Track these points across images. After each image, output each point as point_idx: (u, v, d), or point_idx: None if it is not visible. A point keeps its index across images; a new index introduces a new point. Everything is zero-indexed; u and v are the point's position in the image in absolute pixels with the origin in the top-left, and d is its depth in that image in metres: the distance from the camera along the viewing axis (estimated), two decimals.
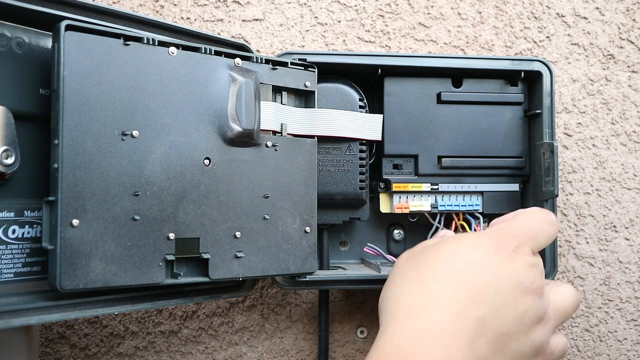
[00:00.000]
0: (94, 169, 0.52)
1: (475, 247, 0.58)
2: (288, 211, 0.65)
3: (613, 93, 0.82)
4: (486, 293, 0.55)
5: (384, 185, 0.73)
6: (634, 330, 0.82)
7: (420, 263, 0.59)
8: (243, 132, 0.61)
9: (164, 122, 0.56)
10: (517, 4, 0.82)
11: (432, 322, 0.53)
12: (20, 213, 0.55)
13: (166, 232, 0.56)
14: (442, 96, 0.72)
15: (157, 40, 0.57)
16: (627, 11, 0.83)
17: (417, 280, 0.57)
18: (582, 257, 0.81)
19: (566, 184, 0.81)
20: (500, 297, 0.56)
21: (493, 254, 0.57)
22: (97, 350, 0.75)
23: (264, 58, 0.65)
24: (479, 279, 0.56)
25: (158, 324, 0.77)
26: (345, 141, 0.71)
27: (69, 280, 0.50)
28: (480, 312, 0.54)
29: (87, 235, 0.51)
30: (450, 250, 0.59)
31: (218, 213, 0.60)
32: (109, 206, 0.53)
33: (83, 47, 0.52)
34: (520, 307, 0.56)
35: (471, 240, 0.59)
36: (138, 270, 0.55)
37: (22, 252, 0.55)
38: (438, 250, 0.59)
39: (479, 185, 0.73)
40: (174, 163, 0.57)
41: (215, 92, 0.60)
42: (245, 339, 0.78)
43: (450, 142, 0.73)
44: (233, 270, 0.61)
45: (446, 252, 0.59)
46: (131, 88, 0.55)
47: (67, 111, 0.50)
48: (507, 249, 0.58)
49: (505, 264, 0.57)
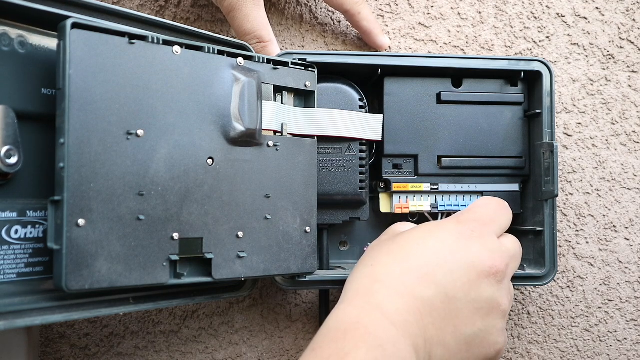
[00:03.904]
0: (99, 169, 0.52)
1: (432, 232, 0.59)
2: (289, 211, 0.65)
3: (613, 93, 0.82)
4: (435, 275, 0.55)
5: (384, 185, 0.74)
6: (633, 330, 0.82)
7: (378, 249, 0.60)
8: (246, 132, 0.61)
9: (168, 121, 0.56)
10: (517, 4, 0.82)
11: (376, 301, 0.54)
12: (23, 213, 0.54)
13: (170, 232, 0.56)
14: (442, 96, 0.72)
15: (162, 39, 0.56)
16: (627, 11, 0.83)
17: (370, 264, 0.58)
18: (582, 257, 0.81)
19: (566, 184, 0.81)
20: (450, 278, 0.55)
21: (449, 236, 0.58)
22: (97, 350, 0.75)
23: (265, 58, 0.65)
24: (430, 261, 0.56)
25: (158, 324, 0.76)
26: (345, 141, 0.70)
27: (75, 281, 0.50)
28: (427, 293, 0.54)
29: (93, 235, 0.51)
30: (409, 236, 0.59)
31: (221, 213, 0.60)
32: (115, 206, 0.52)
33: (89, 45, 0.51)
34: (474, 290, 0.56)
35: (430, 226, 0.60)
36: (143, 271, 0.54)
37: (24, 253, 0.54)
38: (398, 237, 0.60)
39: (479, 185, 0.74)
40: (178, 162, 0.57)
41: (219, 92, 0.60)
42: (245, 339, 0.78)
43: (450, 142, 0.73)
44: (236, 270, 0.61)
45: (404, 237, 0.59)
46: (136, 87, 0.54)
47: (73, 110, 0.50)
48: (465, 232, 0.58)
49: (462, 247, 0.57)
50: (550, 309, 0.81)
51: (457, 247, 0.57)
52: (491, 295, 0.57)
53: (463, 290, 0.55)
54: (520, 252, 0.64)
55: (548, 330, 0.81)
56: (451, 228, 0.59)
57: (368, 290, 0.55)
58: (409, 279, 0.55)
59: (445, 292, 0.55)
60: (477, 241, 0.58)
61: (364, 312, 0.53)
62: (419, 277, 0.55)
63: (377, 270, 0.57)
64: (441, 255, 0.56)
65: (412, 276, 0.55)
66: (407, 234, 0.60)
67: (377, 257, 0.59)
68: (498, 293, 0.57)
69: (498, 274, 0.57)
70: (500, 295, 0.57)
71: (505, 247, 0.60)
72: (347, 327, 0.51)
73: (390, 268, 0.56)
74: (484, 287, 0.56)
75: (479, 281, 0.56)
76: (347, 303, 0.55)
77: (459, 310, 0.55)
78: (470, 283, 0.56)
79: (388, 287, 0.54)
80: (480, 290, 0.56)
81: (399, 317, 0.53)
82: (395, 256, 0.57)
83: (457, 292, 0.55)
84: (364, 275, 0.57)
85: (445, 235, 0.58)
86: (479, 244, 0.58)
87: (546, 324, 0.81)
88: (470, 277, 0.56)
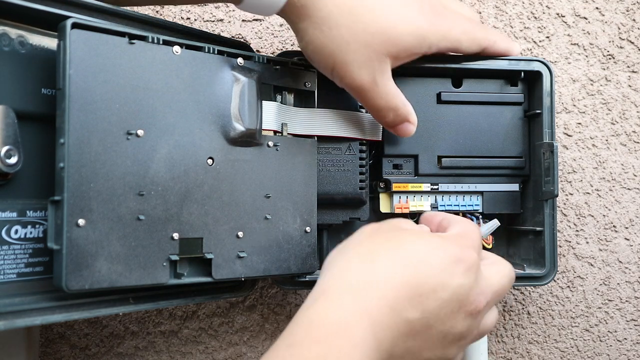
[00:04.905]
0: (99, 169, 0.51)
1: (435, 250, 0.56)
2: (289, 211, 0.65)
3: (613, 93, 0.82)
4: (428, 299, 0.53)
5: (384, 185, 0.73)
6: (633, 330, 0.82)
7: (380, 243, 0.57)
8: (246, 132, 0.61)
9: (168, 121, 0.56)
10: (517, 4, 0.82)
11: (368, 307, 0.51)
12: (22, 213, 0.54)
13: (170, 232, 0.56)
14: (442, 96, 0.72)
15: (162, 39, 0.56)
16: (627, 11, 0.83)
17: (369, 260, 0.55)
18: (582, 257, 0.81)
19: (566, 184, 0.81)
20: (438, 307, 0.54)
21: (449, 262, 0.55)
22: (97, 350, 0.75)
23: (265, 57, 0.65)
24: (425, 281, 0.54)
25: (158, 324, 0.76)
26: (345, 141, 0.70)
27: (75, 281, 0.50)
28: (413, 315, 0.53)
29: (93, 235, 0.51)
30: (412, 244, 0.57)
31: (221, 213, 0.60)
32: (115, 206, 0.52)
33: (89, 45, 0.51)
34: (450, 322, 0.54)
35: (435, 243, 0.57)
36: (143, 271, 0.54)
37: (24, 253, 0.54)
38: (402, 238, 0.58)
39: (479, 185, 0.73)
40: (178, 162, 0.57)
41: (218, 92, 0.60)
42: (245, 339, 0.78)
43: (450, 142, 0.73)
44: (236, 270, 0.61)
45: (408, 244, 0.57)
46: (136, 87, 0.54)
47: (73, 110, 0.50)
48: (465, 262, 0.56)
49: (457, 277, 0.55)
50: (550, 309, 0.81)
51: (452, 276, 0.55)
52: (461, 330, 0.56)
53: (442, 320, 0.54)
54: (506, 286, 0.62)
55: (548, 330, 0.81)
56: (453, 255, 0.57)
57: (362, 290, 0.53)
58: (404, 294, 0.52)
59: (427, 319, 0.53)
60: (474, 274, 0.57)
61: (353, 318, 0.50)
62: (412, 297, 0.53)
63: (378, 270, 0.54)
64: (439, 280, 0.54)
65: (408, 293, 0.53)
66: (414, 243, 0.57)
67: (379, 253, 0.56)
68: (468, 328, 0.56)
69: (475, 312, 0.57)
70: (470, 330, 0.57)
71: (490, 282, 0.59)
72: (332, 329, 0.49)
73: (391, 275, 0.54)
74: (459, 320, 0.55)
75: (458, 314, 0.55)
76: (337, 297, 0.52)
77: (429, 337, 0.54)
78: (451, 315, 0.54)
79: (384, 298, 0.52)
80: (454, 322, 0.55)
81: (382, 332, 0.50)
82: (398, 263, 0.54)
83: (437, 321, 0.54)
84: (362, 269, 0.54)
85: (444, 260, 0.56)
86: (474, 277, 0.56)
87: (546, 324, 0.81)
88: (453, 310, 0.54)
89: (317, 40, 0.61)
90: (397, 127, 0.67)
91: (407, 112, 0.66)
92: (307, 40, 0.61)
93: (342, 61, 0.61)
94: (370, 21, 0.60)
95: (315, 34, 0.60)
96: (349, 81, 0.62)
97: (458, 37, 0.66)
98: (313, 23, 0.60)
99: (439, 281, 0.54)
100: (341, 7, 0.60)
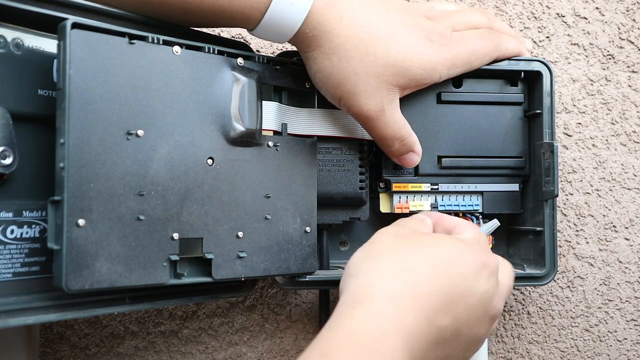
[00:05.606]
0: (99, 169, 0.51)
1: (465, 256, 0.56)
2: (289, 211, 0.65)
3: (613, 93, 0.82)
4: (458, 306, 0.54)
5: (384, 185, 0.73)
6: (633, 330, 0.82)
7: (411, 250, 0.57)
8: (246, 132, 0.61)
9: (168, 121, 0.56)
10: (517, 4, 0.82)
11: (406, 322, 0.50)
12: (18, 213, 0.54)
13: (170, 232, 0.56)
14: (442, 96, 0.72)
15: (162, 39, 0.56)
16: (627, 11, 0.83)
17: (407, 269, 0.54)
18: (582, 257, 0.81)
19: (566, 184, 0.81)
20: (465, 312, 0.54)
21: (477, 268, 0.56)
22: (97, 351, 0.75)
23: (265, 58, 0.65)
24: (455, 287, 0.54)
25: (158, 324, 0.76)
26: (345, 141, 0.70)
27: (75, 281, 0.50)
28: (444, 322, 0.52)
29: (93, 235, 0.51)
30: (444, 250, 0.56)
31: (221, 213, 0.60)
32: (114, 206, 0.52)
33: (88, 45, 0.51)
34: (475, 328, 0.55)
35: (462, 249, 0.57)
36: (143, 271, 0.54)
37: (20, 252, 0.54)
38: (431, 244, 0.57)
39: (479, 185, 0.73)
40: (178, 163, 0.57)
41: (218, 92, 0.60)
42: (245, 339, 0.78)
43: (450, 142, 0.72)
44: (236, 270, 0.61)
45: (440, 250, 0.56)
46: (136, 87, 0.54)
47: (73, 110, 0.50)
48: (489, 267, 0.56)
49: (483, 282, 0.56)
50: (550, 309, 0.81)
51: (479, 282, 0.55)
52: (483, 334, 0.56)
53: (469, 326, 0.54)
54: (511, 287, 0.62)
55: (548, 330, 0.81)
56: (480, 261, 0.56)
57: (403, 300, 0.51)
58: (439, 303, 0.52)
59: (457, 325, 0.53)
60: (495, 279, 0.57)
61: (392, 330, 0.49)
62: (444, 304, 0.53)
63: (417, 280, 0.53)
64: (467, 285, 0.54)
65: (442, 300, 0.52)
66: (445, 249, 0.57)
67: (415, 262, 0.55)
68: (487, 331, 0.57)
69: (496, 317, 0.57)
70: (488, 333, 0.58)
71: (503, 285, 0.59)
72: (370, 342, 0.48)
73: (430, 286, 0.53)
74: (483, 325, 0.56)
75: (483, 319, 0.55)
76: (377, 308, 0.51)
77: (457, 344, 0.54)
78: (477, 320, 0.55)
79: (421, 309, 0.51)
80: (480, 327, 0.55)
81: (415, 342, 0.50)
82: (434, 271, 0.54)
83: (465, 327, 0.54)
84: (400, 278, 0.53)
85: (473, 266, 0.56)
86: (495, 282, 0.57)
87: (546, 324, 0.81)
88: (479, 315, 0.55)
89: (326, 70, 0.61)
90: (401, 157, 0.68)
91: (412, 142, 0.67)
92: (315, 68, 0.62)
93: (351, 91, 0.62)
94: (381, 54, 0.61)
95: (325, 64, 0.61)
96: (357, 110, 0.63)
97: (467, 60, 0.67)
98: (323, 53, 0.61)
99: (467, 286, 0.55)
100: (352, 39, 0.60)
